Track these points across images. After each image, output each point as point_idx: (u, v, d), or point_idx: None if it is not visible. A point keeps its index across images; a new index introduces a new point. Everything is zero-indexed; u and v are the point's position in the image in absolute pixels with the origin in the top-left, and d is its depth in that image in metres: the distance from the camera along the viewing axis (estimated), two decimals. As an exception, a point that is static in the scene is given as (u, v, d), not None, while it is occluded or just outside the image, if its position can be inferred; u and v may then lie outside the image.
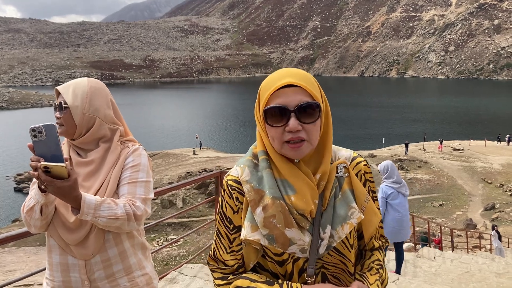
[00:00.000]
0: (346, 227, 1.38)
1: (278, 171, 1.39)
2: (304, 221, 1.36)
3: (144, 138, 76.19)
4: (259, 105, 1.40)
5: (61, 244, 1.99)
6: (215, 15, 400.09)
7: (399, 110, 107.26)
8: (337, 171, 1.44)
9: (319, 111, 1.35)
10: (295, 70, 1.38)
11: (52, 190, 1.70)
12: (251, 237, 1.38)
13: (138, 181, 2.06)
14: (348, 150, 1.55)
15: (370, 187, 1.53)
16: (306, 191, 1.35)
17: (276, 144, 1.36)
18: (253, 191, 1.40)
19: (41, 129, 1.66)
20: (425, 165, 41.18)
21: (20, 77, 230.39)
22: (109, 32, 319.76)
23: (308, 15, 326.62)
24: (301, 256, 1.38)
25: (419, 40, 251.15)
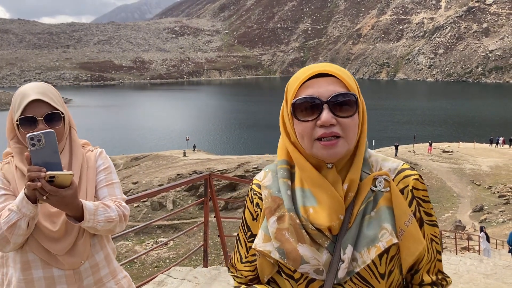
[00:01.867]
0: (373, 251, 1.16)
1: (301, 180, 1.24)
2: (321, 238, 1.19)
3: (134, 140, 75.83)
4: (286, 103, 1.25)
5: (44, 257, 1.88)
6: (206, 16, 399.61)
7: (389, 112, 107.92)
8: (375, 185, 1.22)
9: (356, 105, 1.19)
10: (328, 63, 1.24)
11: (55, 200, 1.64)
12: (262, 248, 1.25)
13: (114, 182, 2.06)
14: (396, 161, 1.30)
15: (423, 208, 1.25)
16: (329, 204, 1.18)
17: (305, 143, 1.19)
18: (271, 198, 1.28)
19: (40, 137, 1.60)
20: (415, 167, 41.18)
21: (9, 78, 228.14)
22: (99, 33, 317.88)
23: (298, 17, 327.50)
24: (315, 277, 1.20)
25: (408, 43, 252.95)
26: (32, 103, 1.84)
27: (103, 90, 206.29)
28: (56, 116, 1.88)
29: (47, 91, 1.90)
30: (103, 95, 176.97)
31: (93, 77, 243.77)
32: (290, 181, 1.27)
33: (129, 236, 28.21)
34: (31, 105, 1.84)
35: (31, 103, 1.84)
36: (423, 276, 1.26)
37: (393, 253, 1.19)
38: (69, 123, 2.02)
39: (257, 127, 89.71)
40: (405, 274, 1.25)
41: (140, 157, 51.80)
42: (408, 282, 1.30)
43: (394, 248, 1.18)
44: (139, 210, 32.09)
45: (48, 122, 1.86)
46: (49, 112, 1.86)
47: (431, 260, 1.27)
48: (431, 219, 1.26)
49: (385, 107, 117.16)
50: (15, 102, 1.89)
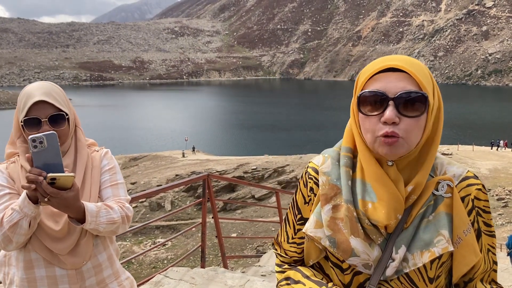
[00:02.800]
0: (426, 255, 1.14)
1: (363, 173, 1.22)
2: (376, 234, 1.18)
3: (133, 140, 75.79)
4: (355, 93, 1.21)
5: (46, 256, 1.89)
6: (206, 17, 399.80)
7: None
8: (438, 188, 1.19)
9: (425, 105, 1.13)
10: (405, 56, 1.18)
11: (57, 202, 1.65)
12: (312, 233, 1.24)
13: (118, 183, 2.06)
14: (461, 166, 1.27)
15: (482, 218, 1.23)
16: (389, 201, 1.15)
17: (369, 138, 1.17)
18: (328, 185, 1.25)
19: (42, 139, 1.60)
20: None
21: (8, 77, 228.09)
22: (99, 33, 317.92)
23: (299, 18, 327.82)
24: (363, 271, 1.20)
25: (408, 45, 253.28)
26: (36, 104, 1.85)
27: (102, 90, 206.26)
28: (60, 117, 1.89)
29: (52, 91, 1.91)
30: (102, 95, 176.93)
31: (93, 77, 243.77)
32: (352, 170, 1.25)
33: (127, 236, 28.17)
34: (36, 106, 1.85)
35: (35, 104, 1.85)
36: (477, 285, 1.25)
37: (444, 259, 1.18)
38: (74, 123, 2.03)
39: (256, 128, 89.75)
40: (455, 282, 1.23)
41: (139, 157, 51.76)
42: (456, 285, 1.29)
43: (446, 254, 1.17)
44: (137, 210, 32.04)
45: (53, 123, 1.87)
46: (53, 114, 1.87)
47: (487, 270, 1.25)
48: (489, 230, 1.25)
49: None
50: (20, 103, 1.90)
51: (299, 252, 1.37)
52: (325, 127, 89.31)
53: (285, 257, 1.41)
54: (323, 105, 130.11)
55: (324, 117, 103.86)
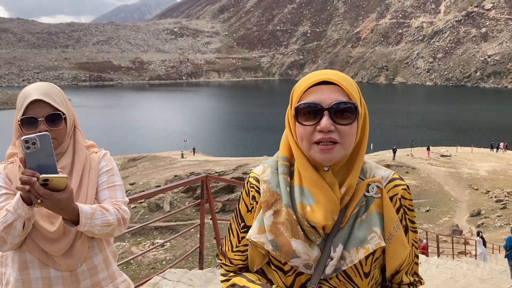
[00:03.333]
0: (361, 252, 1.24)
1: (300, 179, 1.29)
2: (315, 235, 1.26)
3: (132, 141, 75.76)
4: (291, 105, 1.31)
5: (41, 257, 1.88)
6: (205, 18, 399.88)
7: (387, 115, 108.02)
8: (368, 190, 1.31)
9: (356, 114, 1.25)
10: (334, 71, 1.31)
11: (50, 204, 1.63)
12: (256, 239, 1.30)
13: (116, 185, 2.05)
14: (388, 170, 1.40)
15: (408, 216, 1.37)
16: (326, 204, 1.24)
17: (304, 145, 1.26)
18: (269, 192, 1.33)
19: (35, 140, 1.59)
20: (412, 171, 41.45)
21: (7, 77, 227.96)
22: (98, 34, 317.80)
23: (298, 20, 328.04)
24: (304, 271, 1.27)
25: (408, 47, 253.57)
26: (33, 103, 1.86)
27: (101, 91, 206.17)
28: (57, 116, 1.89)
29: (50, 91, 1.91)
30: (101, 96, 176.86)
31: (92, 77, 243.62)
32: (289, 178, 1.32)
33: (126, 237, 28.15)
34: (33, 105, 1.86)
35: (32, 103, 1.86)
36: (402, 277, 1.37)
37: (377, 255, 1.29)
38: (73, 124, 2.02)
39: (256, 129, 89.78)
40: (388, 275, 1.35)
41: (138, 158, 51.76)
42: (389, 281, 1.40)
43: (379, 250, 1.28)
44: (136, 211, 32.03)
45: (49, 123, 1.87)
46: (50, 113, 1.87)
47: (410, 262, 1.38)
48: (414, 226, 1.38)
49: (383, 111, 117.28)
50: (19, 102, 1.92)
51: (243, 260, 1.43)
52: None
53: (230, 266, 1.47)
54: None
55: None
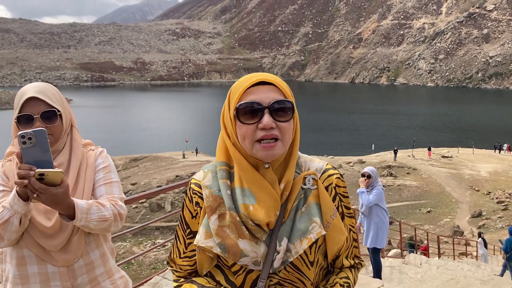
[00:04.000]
0: (305, 242, 1.30)
1: (241, 180, 1.34)
2: (260, 232, 1.31)
3: (134, 141, 75.84)
4: (229, 106, 1.35)
5: (38, 253, 1.91)
6: (207, 19, 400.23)
7: (389, 116, 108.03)
8: (305, 183, 1.36)
9: (292, 111, 1.31)
10: (267, 73, 1.37)
11: (46, 199, 1.64)
12: (203, 244, 1.33)
13: (112, 181, 2.08)
14: (321, 162, 1.46)
15: (343, 203, 1.44)
16: (267, 201, 1.30)
17: (246, 144, 1.29)
18: (212, 197, 1.35)
19: (31, 135, 1.61)
20: (413, 172, 41.44)
21: (9, 77, 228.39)
22: (100, 34, 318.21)
23: (300, 21, 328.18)
24: (254, 268, 1.32)
25: (409, 48, 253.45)
26: (29, 101, 1.90)
27: (103, 91, 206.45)
28: (52, 113, 1.92)
29: (45, 90, 1.95)
30: (103, 96, 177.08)
31: (94, 77, 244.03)
32: (230, 181, 1.36)
33: (127, 237, 28.18)
34: (29, 103, 1.90)
35: (28, 101, 1.90)
36: (343, 261, 1.46)
37: (320, 243, 1.35)
38: (70, 122, 2.06)
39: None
40: (330, 260, 1.43)
41: (139, 158, 51.82)
42: (331, 266, 1.48)
43: (321, 239, 1.35)
44: (138, 211, 32.07)
45: (45, 120, 1.89)
46: (46, 110, 1.90)
47: (349, 247, 1.46)
48: (349, 212, 1.46)
49: (385, 112, 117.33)
50: (15, 101, 1.96)
51: (191, 265, 1.46)
52: (326, 129, 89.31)
53: (180, 272, 1.50)
54: (323, 107, 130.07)
55: (325, 119, 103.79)
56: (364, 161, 44.89)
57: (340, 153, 58.01)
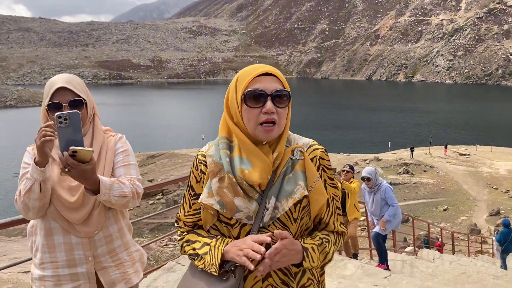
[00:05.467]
0: (290, 201, 1.55)
1: (240, 151, 1.59)
2: (252, 192, 1.55)
3: (151, 138, 76.54)
4: (235, 92, 1.59)
5: (63, 225, 2.12)
6: (223, 16, 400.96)
7: (406, 114, 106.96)
8: (293, 154, 1.62)
9: (289, 99, 1.58)
10: (268, 65, 1.62)
11: (76, 174, 1.83)
12: (206, 202, 1.59)
13: (130, 164, 2.28)
14: (308, 139, 1.73)
15: (326, 174, 1.67)
16: (261, 167, 1.54)
17: (251, 126, 1.55)
18: (214, 163, 1.61)
19: (67, 116, 1.78)
20: (430, 170, 41.10)
21: (29, 75, 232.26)
22: (118, 32, 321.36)
23: (316, 17, 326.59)
24: (247, 222, 1.57)
25: (427, 44, 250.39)
26: (58, 91, 2.11)
27: (121, 89, 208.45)
28: (79, 102, 2.12)
29: (72, 80, 2.17)
30: (121, 94, 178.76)
31: (111, 75, 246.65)
32: (229, 151, 1.62)
33: (144, 233, 28.61)
34: (58, 93, 2.11)
35: (57, 90, 2.10)
36: (329, 224, 1.69)
37: (304, 204, 1.60)
38: (93, 111, 2.26)
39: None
40: (312, 218, 1.66)
41: (156, 155, 52.36)
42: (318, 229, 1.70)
43: (305, 201, 1.60)
44: (154, 207, 32.48)
45: (72, 108, 2.07)
46: (73, 99, 2.11)
47: (333, 212, 1.69)
48: (332, 182, 1.70)
49: (402, 109, 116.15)
50: (45, 90, 2.16)
51: (193, 221, 1.74)
52: (342, 126, 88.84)
53: (184, 228, 1.76)
54: (340, 105, 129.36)
55: (342, 117, 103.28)
56: (380, 158, 44.70)
57: (357, 150, 57.75)
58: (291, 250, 1.51)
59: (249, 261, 1.46)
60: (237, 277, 1.54)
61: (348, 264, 6.03)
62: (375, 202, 6.98)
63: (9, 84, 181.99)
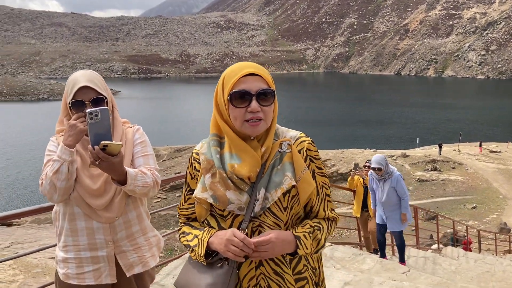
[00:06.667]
0: (279, 191, 1.63)
1: (230, 147, 1.66)
2: (243, 184, 1.63)
3: (178, 132, 77.43)
4: (222, 91, 1.65)
5: (86, 211, 2.24)
6: (251, 11, 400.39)
7: (435, 110, 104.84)
8: (281, 147, 1.69)
9: (273, 97, 1.65)
10: (253, 63, 1.68)
11: (106, 166, 1.94)
12: (200, 196, 1.68)
13: (148, 154, 2.40)
14: (296, 132, 1.79)
15: (314, 163, 1.74)
16: (250, 161, 1.62)
17: (238, 123, 1.62)
18: (206, 160, 1.70)
19: (97, 113, 1.90)
20: (459, 167, 40.33)
21: (61, 69, 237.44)
22: (147, 27, 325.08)
23: (344, 11, 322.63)
24: (239, 213, 1.65)
25: (458, 39, 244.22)
26: (81, 89, 2.20)
27: (149, 83, 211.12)
28: (100, 100, 2.23)
29: (93, 78, 2.26)
30: (149, 88, 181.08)
31: (140, 70, 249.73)
32: (220, 148, 1.71)
33: (171, 224, 29.11)
34: (81, 91, 2.20)
35: (80, 89, 2.19)
36: (319, 211, 1.75)
37: (293, 193, 1.67)
38: (112, 105, 2.36)
39: (298, 122, 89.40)
40: (302, 207, 1.73)
41: (183, 148, 52.97)
42: (310, 217, 1.77)
43: (294, 190, 1.66)
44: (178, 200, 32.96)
45: (94, 105, 2.17)
46: (95, 97, 2.21)
47: (322, 200, 1.76)
48: (321, 172, 1.76)
49: (431, 105, 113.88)
50: (68, 87, 2.26)
51: (187, 214, 1.85)
52: (370, 122, 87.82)
53: (181, 219, 1.88)
54: (368, 100, 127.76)
55: (369, 112, 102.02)
56: (407, 155, 44.08)
57: (384, 146, 57.06)
58: (282, 241, 1.59)
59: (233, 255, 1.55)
60: (230, 264, 1.62)
61: (367, 259, 6.06)
62: (388, 192, 6.62)
63: (42, 78, 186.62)
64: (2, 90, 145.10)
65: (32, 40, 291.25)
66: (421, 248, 9.88)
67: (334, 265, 5.56)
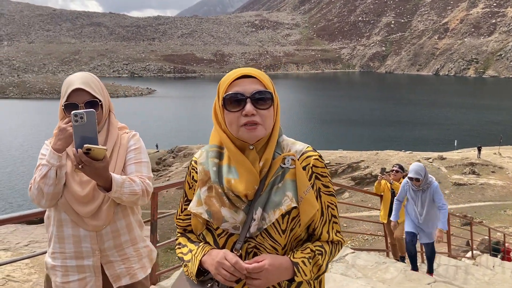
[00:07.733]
0: (277, 213, 1.51)
1: (229, 159, 1.57)
2: (239, 202, 1.53)
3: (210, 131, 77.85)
4: (218, 98, 1.58)
5: (73, 217, 2.18)
6: (286, 10, 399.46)
7: (475, 111, 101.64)
8: (284, 162, 1.56)
9: (271, 99, 1.54)
10: (250, 68, 1.59)
11: (89, 170, 1.88)
12: (195, 210, 1.60)
13: (142, 161, 2.32)
14: (303, 145, 1.65)
15: (321, 181, 1.61)
16: (247, 176, 1.51)
17: (233, 128, 1.52)
18: (203, 172, 1.61)
19: (83, 115, 1.83)
20: (499, 171, 38.82)
21: (99, 68, 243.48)
22: (183, 27, 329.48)
23: (381, 10, 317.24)
24: (233, 232, 1.55)
25: (501, 38, 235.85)
26: (75, 91, 2.14)
27: (184, 82, 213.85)
28: (94, 103, 2.17)
29: (89, 81, 2.20)
30: (184, 87, 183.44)
31: (176, 69, 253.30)
32: (219, 159, 1.61)
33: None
34: (75, 93, 2.14)
35: (74, 91, 2.14)
36: (322, 234, 1.62)
37: (294, 215, 1.55)
38: (108, 109, 2.31)
39: (332, 122, 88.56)
40: (302, 230, 1.59)
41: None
42: (313, 239, 1.65)
43: (295, 211, 1.54)
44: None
45: (88, 108, 2.10)
46: (89, 100, 2.16)
47: (327, 221, 1.63)
48: (328, 190, 1.63)
49: (471, 106, 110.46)
50: (63, 90, 2.21)
51: (183, 225, 1.77)
52: (407, 122, 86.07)
53: (178, 228, 1.81)
54: (405, 100, 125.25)
55: (406, 113, 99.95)
56: (444, 157, 42.79)
57: (420, 148, 55.67)
58: (278, 268, 1.49)
59: (223, 280, 1.47)
60: (220, 287, 1.53)
61: (391, 267, 5.73)
62: (428, 204, 6.01)
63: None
64: (43, 88, 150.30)
65: (72, 40, 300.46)
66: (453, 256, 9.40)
67: (356, 274, 5.27)
